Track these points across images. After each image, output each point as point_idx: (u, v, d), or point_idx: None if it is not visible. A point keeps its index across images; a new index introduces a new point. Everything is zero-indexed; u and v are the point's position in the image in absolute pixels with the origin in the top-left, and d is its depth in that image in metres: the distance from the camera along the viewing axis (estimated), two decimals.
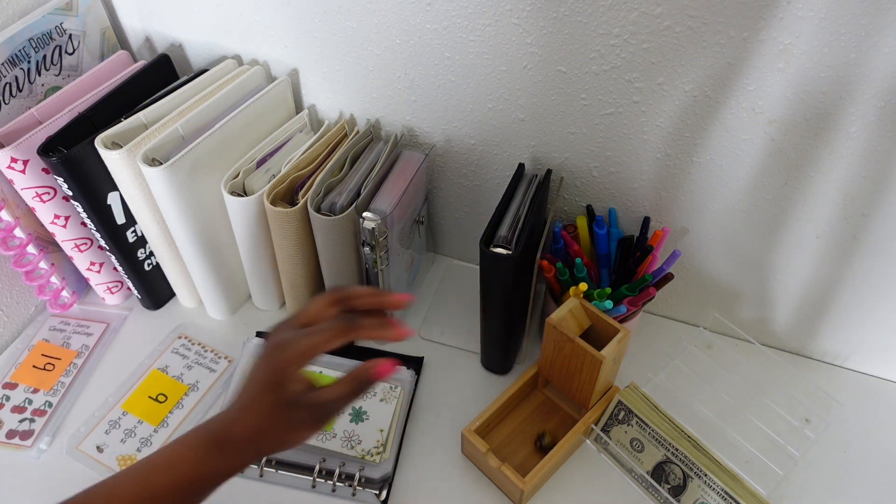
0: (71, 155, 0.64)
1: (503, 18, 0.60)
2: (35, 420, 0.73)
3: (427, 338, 0.81)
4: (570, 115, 0.65)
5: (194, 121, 0.68)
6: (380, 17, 0.65)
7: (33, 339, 0.81)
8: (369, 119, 0.77)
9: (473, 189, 0.79)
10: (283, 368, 0.46)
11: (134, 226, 0.75)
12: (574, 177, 0.71)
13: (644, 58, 0.58)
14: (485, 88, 0.67)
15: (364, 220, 0.65)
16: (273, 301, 0.84)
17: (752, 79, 0.56)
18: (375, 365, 0.48)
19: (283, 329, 0.48)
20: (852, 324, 0.72)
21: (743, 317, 0.77)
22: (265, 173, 0.71)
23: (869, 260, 0.65)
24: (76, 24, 0.73)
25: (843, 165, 0.59)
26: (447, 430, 0.72)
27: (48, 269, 0.78)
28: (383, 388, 0.71)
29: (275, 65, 0.76)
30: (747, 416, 0.71)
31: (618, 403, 0.65)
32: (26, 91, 0.70)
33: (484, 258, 0.62)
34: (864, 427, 0.72)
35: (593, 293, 0.65)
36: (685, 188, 0.67)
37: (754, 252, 0.70)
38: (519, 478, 0.62)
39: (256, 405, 0.46)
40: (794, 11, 0.51)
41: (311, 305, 0.49)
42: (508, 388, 0.69)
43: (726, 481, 0.60)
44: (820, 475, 0.68)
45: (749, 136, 0.60)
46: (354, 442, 0.68)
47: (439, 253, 0.92)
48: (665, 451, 0.63)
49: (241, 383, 0.48)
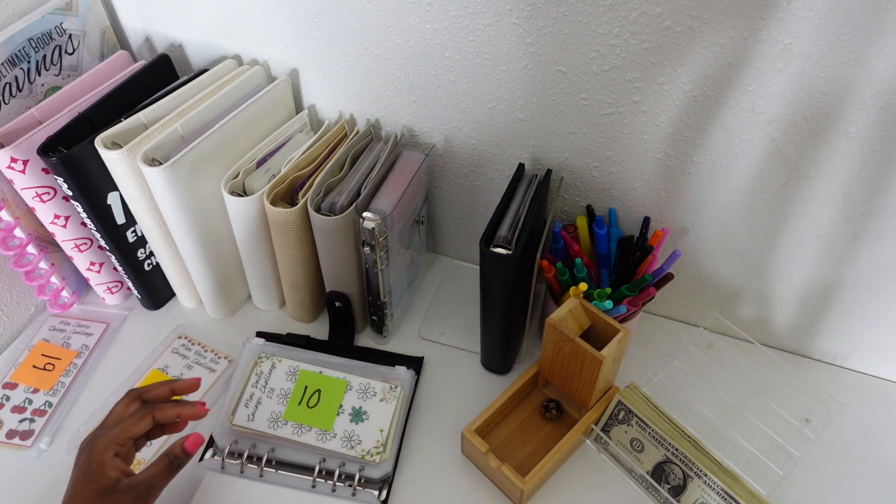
0: (71, 155, 0.64)
1: (503, 18, 0.60)
2: (35, 420, 0.73)
3: (427, 338, 0.81)
4: (570, 115, 0.65)
5: (194, 121, 0.68)
6: (380, 17, 0.65)
7: (33, 339, 0.81)
8: (369, 119, 0.77)
9: (473, 189, 0.79)
10: (99, 457, 0.51)
11: (134, 226, 0.75)
12: (574, 177, 0.71)
13: (644, 58, 0.58)
14: (485, 88, 0.67)
15: (364, 220, 0.65)
16: (273, 301, 0.84)
17: (752, 79, 0.56)
18: (184, 440, 0.55)
19: (95, 433, 0.55)
20: (852, 324, 0.72)
21: (743, 317, 0.77)
22: (265, 173, 0.71)
23: (869, 260, 0.65)
24: (76, 24, 0.73)
25: (843, 165, 0.59)
26: (447, 430, 0.72)
27: (48, 269, 0.78)
28: (383, 388, 0.71)
29: (275, 65, 0.76)
30: (747, 416, 0.71)
31: (618, 403, 0.65)
32: (26, 91, 0.70)
33: (484, 258, 0.62)
34: (864, 427, 0.72)
35: (593, 293, 0.65)
36: (685, 188, 0.67)
37: (754, 252, 0.70)
38: (519, 478, 0.62)
39: (78, 499, 0.51)
40: (794, 11, 0.51)
41: (114, 409, 0.56)
42: (508, 388, 0.69)
43: (726, 481, 0.60)
44: (820, 475, 0.68)
45: (749, 136, 0.60)
46: (354, 442, 0.68)
47: (439, 253, 0.92)
48: (665, 451, 0.63)
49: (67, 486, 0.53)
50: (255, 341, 0.75)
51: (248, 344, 0.74)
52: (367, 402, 0.70)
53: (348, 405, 0.70)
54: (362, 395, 0.71)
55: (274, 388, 0.71)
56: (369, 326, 0.80)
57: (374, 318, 0.77)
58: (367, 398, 0.71)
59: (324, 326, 0.82)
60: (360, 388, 0.71)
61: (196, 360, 0.79)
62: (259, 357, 0.73)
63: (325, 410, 0.70)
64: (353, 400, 0.70)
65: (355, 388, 0.71)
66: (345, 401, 0.70)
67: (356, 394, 0.71)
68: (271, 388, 0.71)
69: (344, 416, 0.69)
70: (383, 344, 0.80)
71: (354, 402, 0.70)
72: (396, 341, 0.81)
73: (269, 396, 0.70)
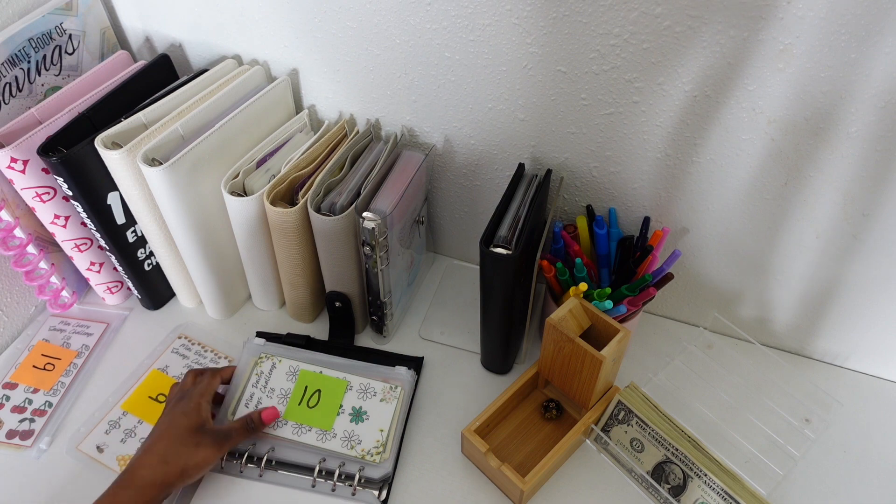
0: (71, 155, 0.64)
1: (503, 18, 0.60)
2: (35, 420, 0.73)
3: (427, 338, 0.81)
4: (570, 115, 0.65)
5: (194, 121, 0.68)
6: (380, 17, 0.65)
7: (33, 339, 0.81)
8: (369, 119, 0.77)
9: (473, 189, 0.79)
10: (196, 400, 0.64)
11: (134, 226, 0.75)
12: (574, 177, 0.71)
13: (644, 58, 0.58)
14: (485, 88, 0.67)
15: (364, 220, 0.65)
16: (273, 301, 0.84)
17: (752, 79, 0.56)
18: (262, 410, 0.67)
19: (182, 391, 0.67)
20: (852, 324, 0.72)
21: (743, 317, 0.77)
22: (265, 173, 0.71)
23: (869, 260, 0.65)
24: (76, 24, 0.73)
25: (843, 165, 0.59)
26: (447, 430, 0.72)
27: (48, 269, 0.78)
28: (383, 387, 0.71)
29: (275, 65, 0.76)
30: (747, 416, 0.71)
31: (618, 403, 0.65)
32: (26, 91, 0.70)
33: (484, 258, 0.62)
34: (864, 427, 0.72)
35: (593, 293, 0.65)
36: (685, 188, 0.67)
37: (754, 252, 0.70)
38: (519, 478, 0.62)
39: (172, 430, 0.61)
40: (794, 11, 0.51)
41: (185, 380, 0.68)
42: (508, 388, 0.69)
43: (726, 481, 0.60)
44: (820, 475, 0.68)
45: (749, 136, 0.60)
46: (354, 442, 0.68)
47: (439, 253, 0.92)
48: (665, 451, 0.63)
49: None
50: (255, 341, 0.75)
51: (248, 344, 0.74)
52: (367, 402, 0.70)
53: (348, 405, 0.70)
54: (362, 395, 0.71)
55: (274, 387, 0.71)
56: (369, 326, 0.80)
57: (374, 318, 0.77)
58: (368, 398, 0.71)
59: (324, 326, 0.82)
60: (360, 388, 0.71)
61: (196, 360, 0.79)
62: (259, 357, 0.73)
63: (325, 410, 0.70)
64: (353, 400, 0.70)
65: (355, 387, 0.71)
66: (345, 401, 0.70)
67: (356, 394, 0.71)
68: (271, 387, 0.71)
69: (344, 416, 0.69)
70: (383, 344, 0.80)
71: (355, 402, 0.70)
72: (396, 341, 0.81)
73: (270, 396, 0.70)
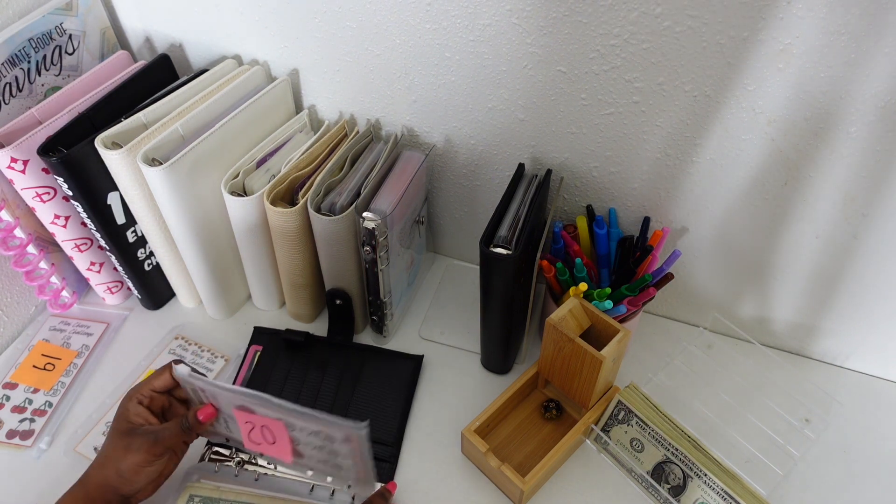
0: (71, 155, 0.64)
1: (503, 18, 0.60)
2: (35, 420, 0.73)
3: (427, 338, 0.81)
4: (570, 115, 0.65)
5: (194, 121, 0.68)
6: (380, 17, 0.65)
7: (33, 339, 0.81)
8: (369, 119, 0.77)
9: (473, 189, 0.79)
10: (124, 404, 0.59)
11: (134, 226, 0.75)
12: (574, 177, 0.71)
13: (644, 58, 0.58)
14: (485, 88, 0.67)
15: (364, 220, 0.65)
16: (273, 301, 0.84)
17: (752, 79, 0.56)
18: (197, 408, 0.60)
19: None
20: (852, 324, 0.72)
21: (743, 317, 0.77)
22: (265, 173, 0.71)
23: (869, 260, 0.65)
24: (76, 24, 0.73)
25: (843, 165, 0.59)
26: (447, 430, 0.72)
27: (48, 269, 0.78)
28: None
29: (275, 65, 0.76)
30: (747, 415, 0.71)
31: (618, 403, 0.65)
32: (26, 91, 0.70)
33: (484, 258, 0.62)
34: (864, 427, 0.71)
35: (593, 293, 0.65)
36: (685, 188, 0.67)
37: (754, 252, 0.70)
38: (519, 478, 0.62)
39: (108, 439, 0.58)
40: (794, 11, 0.51)
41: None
42: (508, 388, 0.69)
43: (726, 481, 0.60)
44: (820, 475, 0.68)
45: (749, 136, 0.60)
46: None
47: (439, 253, 0.92)
48: (665, 451, 0.63)
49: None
50: (178, 369, 0.62)
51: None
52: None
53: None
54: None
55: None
56: (369, 326, 0.80)
57: (375, 318, 0.77)
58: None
59: (323, 326, 0.82)
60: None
61: (193, 361, 0.79)
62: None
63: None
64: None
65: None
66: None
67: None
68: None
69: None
70: (383, 344, 0.80)
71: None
72: (396, 341, 0.81)
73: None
